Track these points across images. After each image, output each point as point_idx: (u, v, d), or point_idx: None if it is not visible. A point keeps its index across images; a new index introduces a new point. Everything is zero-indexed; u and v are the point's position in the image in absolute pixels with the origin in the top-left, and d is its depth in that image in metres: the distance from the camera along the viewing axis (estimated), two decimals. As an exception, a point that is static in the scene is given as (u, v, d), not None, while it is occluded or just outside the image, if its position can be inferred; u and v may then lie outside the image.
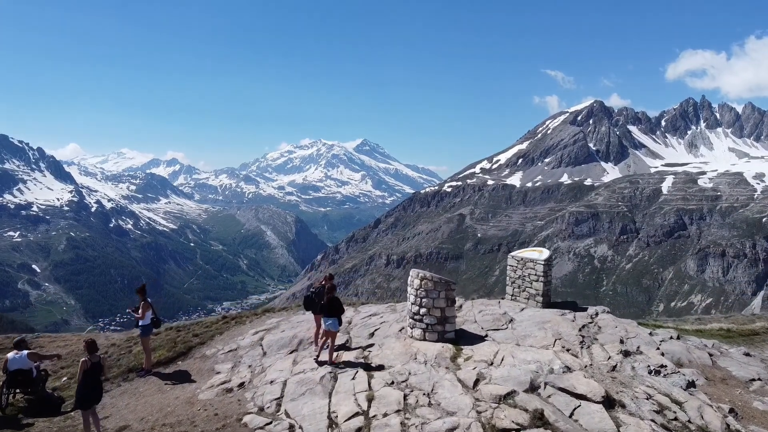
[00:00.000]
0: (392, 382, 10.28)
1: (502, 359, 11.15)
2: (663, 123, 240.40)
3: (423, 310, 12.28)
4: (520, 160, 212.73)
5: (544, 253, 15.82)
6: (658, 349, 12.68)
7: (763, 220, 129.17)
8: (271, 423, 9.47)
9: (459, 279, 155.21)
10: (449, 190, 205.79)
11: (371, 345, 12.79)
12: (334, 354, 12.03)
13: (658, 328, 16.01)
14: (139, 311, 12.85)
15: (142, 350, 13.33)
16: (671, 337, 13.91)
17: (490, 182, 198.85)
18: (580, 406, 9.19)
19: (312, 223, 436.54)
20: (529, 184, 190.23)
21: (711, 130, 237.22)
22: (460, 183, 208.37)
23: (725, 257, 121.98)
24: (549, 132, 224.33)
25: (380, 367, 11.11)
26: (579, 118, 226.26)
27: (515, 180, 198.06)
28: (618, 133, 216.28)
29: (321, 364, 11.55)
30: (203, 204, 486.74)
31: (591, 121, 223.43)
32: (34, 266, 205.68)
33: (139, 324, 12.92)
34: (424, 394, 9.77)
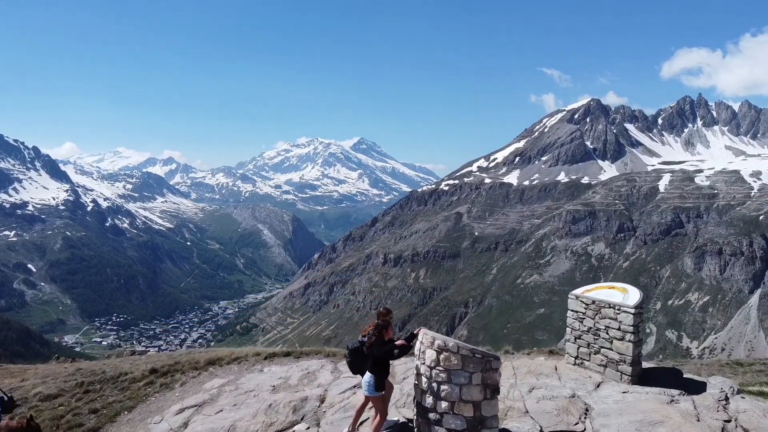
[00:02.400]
0: None
1: None
2: (660, 121, 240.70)
3: (443, 405, 6.70)
4: (517, 159, 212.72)
5: (632, 295, 9.64)
6: None
7: (760, 218, 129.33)
8: None
9: (456, 278, 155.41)
10: (446, 188, 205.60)
11: None
12: None
13: None
14: None
15: None
16: None
17: (487, 180, 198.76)
18: None
19: (309, 221, 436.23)
20: (526, 183, 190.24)
21: (707, 128, 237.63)
22: (457, 181, 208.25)
23: (722, 255, 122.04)
24: (546, 130, 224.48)
25: None
26: (576, 116, 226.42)
27: (512, 178, 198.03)
28: (615, 131, 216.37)
29: None
30: (200, 203, 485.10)
31: (588, 120, 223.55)
32: (29, 266, 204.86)
33: None
34: None
